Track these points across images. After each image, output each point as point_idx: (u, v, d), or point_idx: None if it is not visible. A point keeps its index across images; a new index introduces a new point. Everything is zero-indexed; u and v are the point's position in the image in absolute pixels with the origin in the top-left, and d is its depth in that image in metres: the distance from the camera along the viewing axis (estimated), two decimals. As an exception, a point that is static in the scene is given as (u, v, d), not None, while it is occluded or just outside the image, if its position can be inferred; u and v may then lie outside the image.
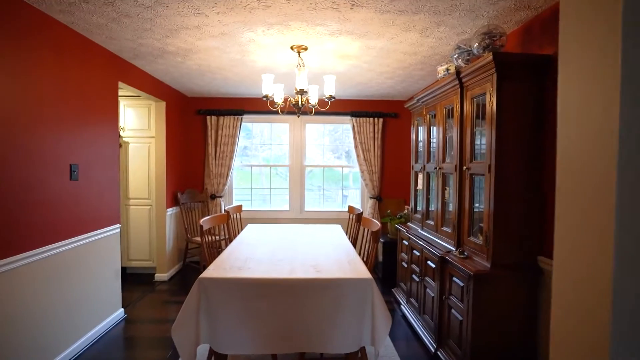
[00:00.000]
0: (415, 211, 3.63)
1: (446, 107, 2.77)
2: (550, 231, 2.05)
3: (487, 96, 2.16)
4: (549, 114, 2.06)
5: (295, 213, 5.02)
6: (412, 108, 3.63)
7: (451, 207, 2.65)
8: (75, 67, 2.52)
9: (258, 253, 2.41)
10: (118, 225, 3.09)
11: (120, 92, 4.14)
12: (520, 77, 2.09)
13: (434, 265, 2.67)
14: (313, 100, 2.94)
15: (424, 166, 3.25)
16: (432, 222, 3.03)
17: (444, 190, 2.84)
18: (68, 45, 2.44)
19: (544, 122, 2.10)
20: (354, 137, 4.88)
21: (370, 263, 2.21)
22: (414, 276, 3.13)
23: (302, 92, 2.54)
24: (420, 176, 3.37)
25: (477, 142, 2.37)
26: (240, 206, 3.55)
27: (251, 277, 1.90)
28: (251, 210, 5.01)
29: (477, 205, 2.38)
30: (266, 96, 2.66)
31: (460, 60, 2.46)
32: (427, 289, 2.80)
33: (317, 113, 4.94)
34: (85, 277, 2.65)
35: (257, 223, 4.93)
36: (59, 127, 2.37)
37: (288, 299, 1.86)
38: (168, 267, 4.23)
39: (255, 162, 5.19)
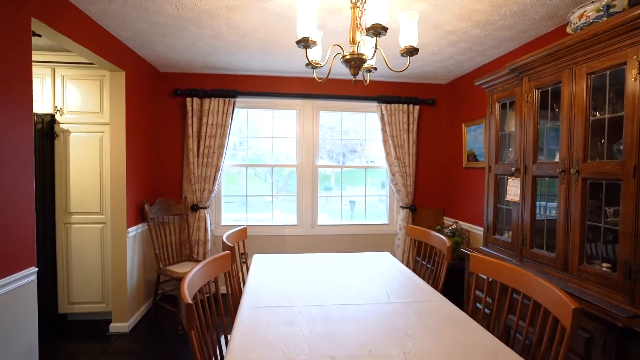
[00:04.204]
0: (494, 231, 2.56)
1: (594, 74, 1.71)
2: None
3: None
4: None
5: (305, 228, 3.84)
6: (489, 85, 2.56)
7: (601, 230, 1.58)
8: None
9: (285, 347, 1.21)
10: (33, 270, 1.79)
11: (55, 57, 2.81)
12: None
13: (586, 334, 1.60)
14: (370, 57, 1.78)
15: (525, 168, 2.18)
16: (551, 254, 1.96)
17: (583, 206, 1.77)
18: None
19: None
20: (383, 130, 3.76)
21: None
22: (520, 337, 2.04)
23: (378, 30, 1.36)
24: (514, 183, 2.30)
25: None
26: (245, 230, 2.32)
27: None
28: (248, 225, 3.76)
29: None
30: (306, 40, 1.47)
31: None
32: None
33: (333, 97, 3.80)
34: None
35: (255, 242, 3.73)
36: None
37: None
38: (130, 312, 2.93)
39: (249, 163, 3.95)
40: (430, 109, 3.95)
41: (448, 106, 3.94)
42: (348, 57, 1.62)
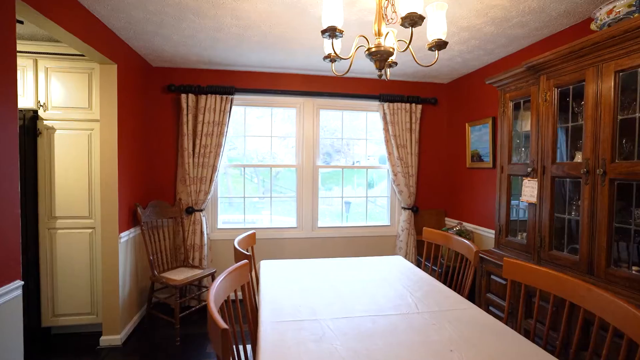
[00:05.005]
0: (507, 233, 2.51)
1: (623, 71, 1.66)
2: None
3: None
4: None
5: (306, 231, 3.71)
6: (502, 84, 2.51)
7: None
8: None
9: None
10: (19, 284, 1.59)
11: (37, 47, 2.59)
12: None
13: (618, 340, 1.54)
14: (402, 49, 1.67)
15: (543, 168, 2.13)
16: (573, 257, 1.91)
17: (610, 208, 1.72)
18: None
19: None
20: (385, 129, 3.68)
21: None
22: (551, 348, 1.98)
23: (415, 19, 1.26)
24: (530, 184, 2.25)
25: None
26: (254, 235, 2.17)
27: None
28: (246, 228, 3.61)
29: None
30: (332, 29, 1.35)
31: None
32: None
33: (335, 95, 3.68)
34: None
35: (255, 245, 3.58)
36: None
37: None
38: (122, 323, 2.72)
39: (246, 163, 3.78)
40: (432, 108, 3.89)
41: (450, 106, 3.89)
42: (374, 49, 1.51)
